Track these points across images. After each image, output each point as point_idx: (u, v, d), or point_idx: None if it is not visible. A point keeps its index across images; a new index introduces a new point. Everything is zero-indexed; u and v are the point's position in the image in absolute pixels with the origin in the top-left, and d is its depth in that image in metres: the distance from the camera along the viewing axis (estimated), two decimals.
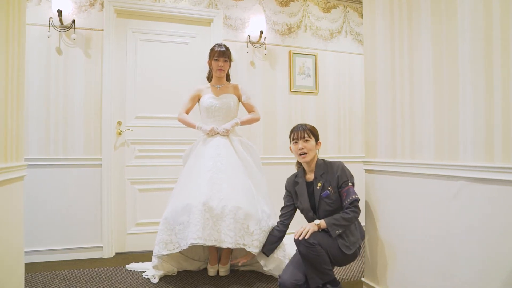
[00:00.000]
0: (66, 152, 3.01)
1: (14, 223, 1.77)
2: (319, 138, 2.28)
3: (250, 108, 2.79)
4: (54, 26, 2.97)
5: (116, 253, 3.14)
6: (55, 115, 2.99)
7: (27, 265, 2.13)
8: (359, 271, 2.64)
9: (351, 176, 2.17)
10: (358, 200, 2.08)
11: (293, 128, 2.28)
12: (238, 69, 3.44)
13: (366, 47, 2.22)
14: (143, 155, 3.30)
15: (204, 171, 2.43)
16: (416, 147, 1.83)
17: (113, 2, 3.15)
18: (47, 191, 2.94)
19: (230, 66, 2.77)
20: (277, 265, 2.39)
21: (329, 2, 3.90)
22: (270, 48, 3.61)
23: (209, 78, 2.84)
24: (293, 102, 3.70)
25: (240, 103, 2.79)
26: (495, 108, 1.41)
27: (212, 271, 2.57)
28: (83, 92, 3.07)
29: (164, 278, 2.50)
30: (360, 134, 3.93)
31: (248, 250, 2.26)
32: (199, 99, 2.75)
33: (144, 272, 2.60)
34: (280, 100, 3.66)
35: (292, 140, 2.26)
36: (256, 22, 3.47)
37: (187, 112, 2.74)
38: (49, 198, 2.95)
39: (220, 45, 2.71)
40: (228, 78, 2.85)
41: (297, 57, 3.71)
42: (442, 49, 1.66)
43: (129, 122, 3.27)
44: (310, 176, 2.24)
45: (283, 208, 2.36)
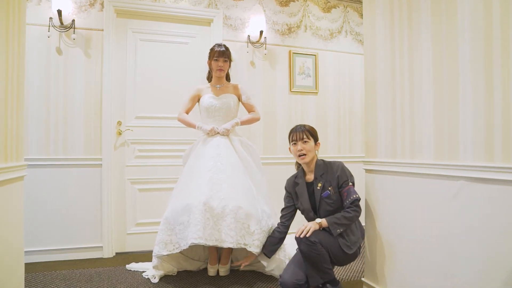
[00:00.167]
0: (66, 152, 3.01)
1: (14, 223, 1.77)
2: (318, 138, 2.27)
3: (250, 108, 2.79)
4: (54, 26, 2.97)
5: (116, 253, 3.15)
6: (55, 115, 2.99)
7: (27, 265, 2.13)
8: (359, 271, 2.64)
9: (351, 175, 2.17)
10: (359, 199, 2.08)
11: (292, 129, 2.28)
12: (238, 69, 3.44)
13: (366, 47, 2.22)
14: (143, 155, 3.30)
15: (204, 171, 2.44)
16: (416, 147, 1.83)
17: (113, 2, 3.15)
18: (47, 191, 2.94)
19: (230, 66, 2.77)
20: (277, 265, 2.41)
21: (329, 2, 3.90)
22: (270, 48, 3.61)
23: (209, 78, 2.84)
24: (293, 102, 3.70)
25: (240, 103, 2.80)
26: (495, 108, 1.41)
27: (212, 271, 2.58)
28: (83, 92, 3.07)
29: (164, 278, 2.50)
30: (360, 134, 3.93)
31: (249, 250, 2.26)
32: (199, 99, 2.75)
33: (144, 272, 2.60)
34: (280, 100, 3.66)
35: (291, 141, 2.25)
36: (256, 22, 3.47)
37: (187, 112, 2.74)
38: (49, 198, 2.95)
39: (220, 45, 2.71)
40: (228, 78, 2.85)
41: (297, 57, 3.71)
42: (442, 49, 1.66)
43: (129, 122, 3.27)
44: (310, 177, 2.24)
45: (284, 209, 2.36)
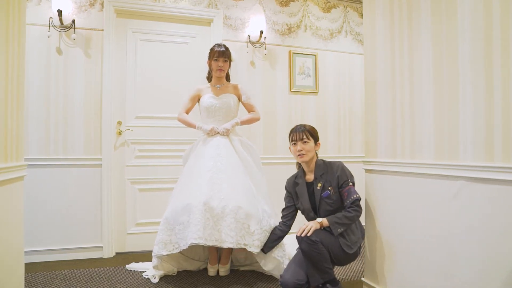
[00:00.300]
0: (66, 152, 3.01)
1: (14, 223, 1.77)
2: (318, 139, 2.27)
3: (250, 108, 2.79)
4: (54, 26, 2.97)
5: (116, 253, 3.15)
6: (55, 115, 2.99)
7: (27, 265, 2.13)
8: (359, 270, 2.64)
9: (351, 175, 2.17)
10: (360, 199, 2.08)
11: (292, 129, 2.28)
12: (238, 69, 3.44)
13: (366, 47, 2.22)
14: (143, 155, 3.30)
15: (204, 171, 2.43)
16: (416, 147, 1.83)
17: (113, 2, 3.15)
18: (47, 191, 2.94)
19: (230, 66, 2.77)
20: (275, 265, 2.39)
21: (329, 2, 3.90)
22: (270, 48, 3.61)
23: (209, 78, 2.84)
24: (293, 102, 3.70)
25: (240, 103, 2.80)
26: (495, 108, 1.41)
27: (212, 271, 2.58)
28: (83, 92, 3.07)
29: (164, 278, 2.50)
30: (360, 134, 3.93)
31: (249, 250, 2.26)
32: (199, 99, 2.75)
33: (144, 272, 2.60)
34: (280, 100, 3.66)
35: (291, 141, 2.25)
36: (256, 22, 3.47)
37: (187, 112, 2.74)
38: (49, 198, 2.95)
39: (219, 45, 2.71)
40: (228, 78, 2.85)
41: (297, 57, 3.71)
42: (442, 49, 1.66)
43: (129, 122, 3.27)
44: (310, 177, 2.24)
45: (284, 209, 2.36)
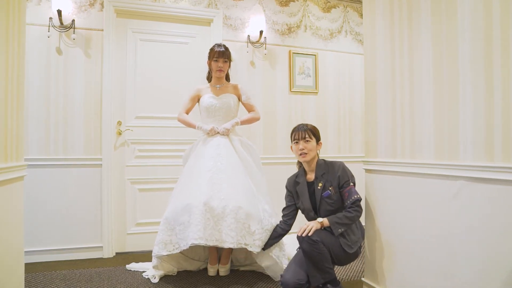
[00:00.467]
0: (66, 152, 3.01)
1: (14, 223, 1.77)
2: (320, 138, 2.28)
3: (250, 108, 2.79)
4: (54, 26, 2.97)
5: (116, 253, 3.15)
6: (55, 115, 2.99)
7: (27, 265, 2.13)
8: (359, 270, 2.64)
9: (352, 176, 2.17)
10: (360, 199, 2.08)
11: (294, 128, 2.29)
12: (238, 69, 3.43)
13: (366, 47, 2.22)
14: (143, 155, 3.30)
15: (204, 171, 2.43)
16: (416, 147, 1.83)
17: (113, 2, 3.15)
18: (47, 191, 2.94)
19: (229, 66, 2.77)
20: (271, 263, 2.38)
21: (329, 2, 3.90)
22: (270, 48, 3.61)
23: (209, 78, 2.84)
24: (293, 102, 3.70)
25: (240, 103, 2.80)
26: (495, 108, 1.41)
27: (212, 271, 2.58)
28: (83, 92, 3.07)
29: (164, 278, 2.50)
30: (360, 134, 3.93)
31: (249, 250, 2.26)
32: (199, 99, 2.75)
33: (144, 272, 2.60)
34: (280, 100, 3.66)
35: (293, 140, 2.26)
36: (256, 22, 3.47)
37: (187, 112, 2.74)
38: (49, 198, 2.94)
39: (219, 45, 2.71)
40: (228, 78, 2.85)
41: (297, 57, 3.71)
42: (442, 49, 1.66)
43: (129, 122, 3.27)
44: (311, 176, 2.24)
45: (285, 209, 2.36)
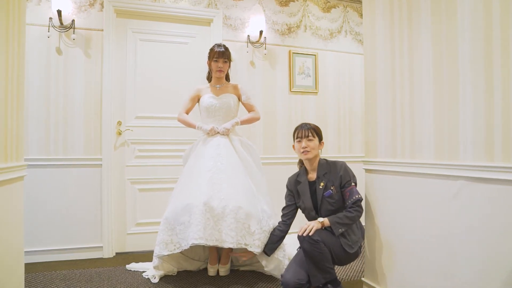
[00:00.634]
0: (66, 152, 3.01)
1: (14, 223, 1.76)
2: (322, 138, 2.29)
3: (250, 108, 2.79)
4: (54, 26, 2.97)
5: (116, 253, 3.15)
6: (55, 115, 2.99)
7: (27, 265, 2.13)
8: (359, 270, 2.64)
9: (354, 176, 2.18)
10: (361, 199, 2.09)
11: (297, 127, 2.30)
12: (238, 69, 3.43)
13: (366, 47, 2.22)
14: (143, 155, 3.30)
15: (204, 171, 2.43)
16: (416, 147, 1.83)
17: (113, 2, 3.15)
18: (47, 191, 2.94)
19: (229, 66, 2.77)
20: (276, 265, 2.40)
21: (329, 2, 3.90)
22: (270, 48, 3.61)
23: (209, 78, 2.84)
24: (293, 102, 3.70)
25: (240, 103, 2.80)
26: (495, 108, 1.41)
27: (212, 271, 2.58)
28: (83, 92, 3.07)
29: (164, 278, 2.50)
30: (360, 134, 3.93)
31: (249, 250, 2.26)
32: (199, 99, 2.75)
33: (144, 272, 2.60)
34: (280, 100, 3.66)
35: (296, 138, 2.26)
36: (256, 22, 3.47)
37: (187, 112, 2.74)
38: (49, 198, 2.94)
39: (219, 45, 2.71)
40: (228, 78, 2.85)
41: (297, 57, 3.71)
42: (442, 49, 1.66)
43: (129, 122, 3.27)
44: (312, 176, 2.24)
45: (285, 208, 2.36)
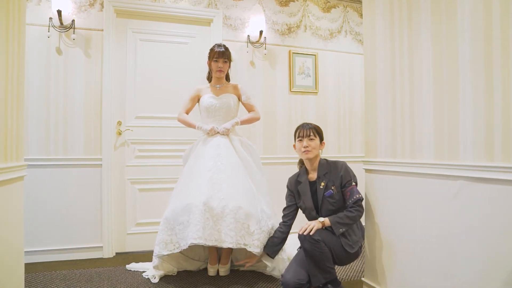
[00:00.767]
0: (66, 152, 3.01)
1: (14, 223, 1.77)
2: (323, 138, 2.30)
3: (250, 108, 2.79)
4: (54, 26, 2.97)
5: (116, 253, 3.15)
6: (55, 115, 2.99)
7: (27, 265, 2.13)
8: (359, 270, 2.64)
9: (354, 175, 2.18)
10: (362, 199, 2.09)
11: (298, 126, 2.30)
12: (238, 69, 3.44)
13: (366, 47, 2.22)
14: (143, 155, 3.30)
15: (204, 171, 2.44)
16: (416, 147, 1.83)
17: (113, 2, 3.15)
18: (47, 191, 2.94)
19: (229, 66, 2.77)
20: (279, 265, 2.41)
21: (329, 2, 3.90)
22: (270, 48, 3.61)
23: (209, 78, 2.84)
24: (293, 102, 3.70)
25: (240, 103, 2.80)
26: (495, 108, 1.41)
27: (212, 271, 2.58)
28: (83, 92, 3.07)
29: (164, 278, 2.50)
30: (360, 134, 3.93)
31: (249, 250, 2.26)
32: (199, 99, 2.75)
33: (144, 272, 2.60)
34: (280, 100, 3.66)
35: (297, 137, 2.27)
36: (256, 22, 3.47)
37: (187, 112, 2.74)
38: (49, 198, 2.94)
39: (219, 45, 2.71)
40: (228, 78, 2.85)
41: (297, 57, 3.71)
42: (442, 49, 1.66)
43: (129, 122, 3.27)
44: (313, 176, 2.25)
45: (285, 209, 2.36)
